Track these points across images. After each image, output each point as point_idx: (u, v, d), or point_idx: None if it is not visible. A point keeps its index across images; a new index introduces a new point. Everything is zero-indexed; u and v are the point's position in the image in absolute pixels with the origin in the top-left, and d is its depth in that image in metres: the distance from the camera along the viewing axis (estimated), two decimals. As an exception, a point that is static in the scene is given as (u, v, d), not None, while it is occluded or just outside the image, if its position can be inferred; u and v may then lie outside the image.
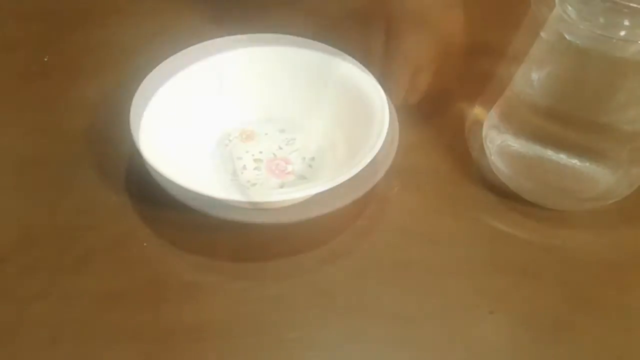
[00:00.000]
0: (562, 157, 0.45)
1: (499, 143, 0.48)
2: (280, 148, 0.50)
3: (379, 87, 0.49)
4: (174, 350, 0.40)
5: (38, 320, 0.41)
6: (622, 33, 0.39)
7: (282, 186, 0.48)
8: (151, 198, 0.47)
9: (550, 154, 0.46)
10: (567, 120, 0.44)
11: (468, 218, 0.48)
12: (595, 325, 0.42)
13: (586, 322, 0.43)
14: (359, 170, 0.43)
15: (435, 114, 0.50)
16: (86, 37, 0.61)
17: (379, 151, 0.44)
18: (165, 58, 0.50)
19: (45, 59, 0.58)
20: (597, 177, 0.46)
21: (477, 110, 0.55)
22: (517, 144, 0.47)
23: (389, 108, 0.47)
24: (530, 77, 0.45)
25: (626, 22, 0.39)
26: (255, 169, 0.49)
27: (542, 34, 0.44)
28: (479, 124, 0.52)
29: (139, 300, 0.42)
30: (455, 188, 0.50)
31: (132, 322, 0.41)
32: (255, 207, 0.46)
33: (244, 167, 0.49)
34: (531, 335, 0.42)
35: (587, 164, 0.45)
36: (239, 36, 0.52)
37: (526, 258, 0.46)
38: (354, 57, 0.51)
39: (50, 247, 0.45)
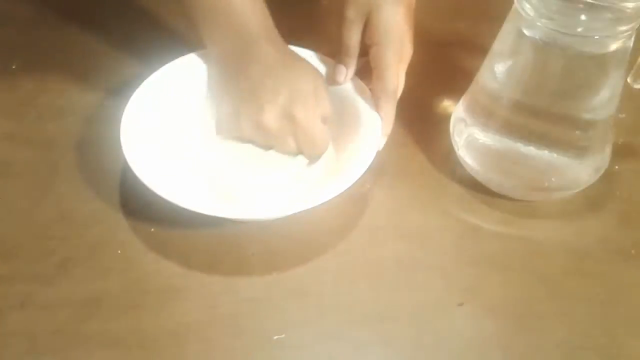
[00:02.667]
0: (531, 149, 0.46)
1: (466, 136, 0.49)
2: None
3: (367, 90, 0.50)
4: (154, 355, 0.41)
5: (17, 331, 0.41)
6: (580, 29, 0.40)
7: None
8: (126, 204, 0.48)
9: (519, 146, 0.46)
10: (532, 111, 0.45)
11: (437, 212, 0.49)
12: (563, 314, 0.43)
13: (553, 310, 0.43)
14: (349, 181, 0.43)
15: (403, 111, 0.50)
16: (53, 43, 0.61)
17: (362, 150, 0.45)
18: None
19: (13, 67, 0.58)
20: (564, 166, 0.47)
21: (444, 104, 0.56)
22: (484, 137, 0.48)
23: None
24: (494, 70, 0.46)
25: (583, 17, 0.40)
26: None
27: (503, 28, 0.45)
28: (446, 118, 0.52)
29: (118, 307, 0.43)
30: (424, 182, 0.51)
31: (112, 329, 0.42)
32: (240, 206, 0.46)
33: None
34: (499, 326, 0.43)
35: (555, 154, 0.46)
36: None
37: (494, 249, 0.47)
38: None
39: (27, 256, 0.45)
